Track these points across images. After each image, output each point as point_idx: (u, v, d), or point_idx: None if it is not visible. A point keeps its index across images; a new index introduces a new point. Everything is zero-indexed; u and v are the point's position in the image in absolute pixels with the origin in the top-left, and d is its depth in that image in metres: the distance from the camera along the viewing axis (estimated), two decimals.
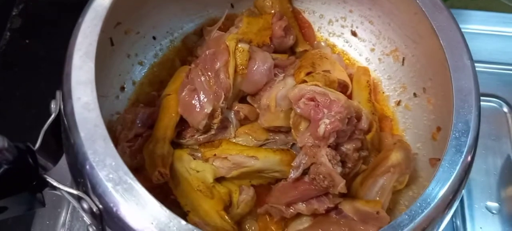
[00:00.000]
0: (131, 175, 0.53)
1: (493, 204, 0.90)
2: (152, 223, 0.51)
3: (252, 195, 0.71)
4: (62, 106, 0.58)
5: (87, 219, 0.58)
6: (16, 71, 1.09)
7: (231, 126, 0.77)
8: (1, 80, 1.06)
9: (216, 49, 0.76)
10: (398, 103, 0.85)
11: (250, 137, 0.77)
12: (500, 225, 0.88)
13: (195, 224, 0.53)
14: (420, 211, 0.56)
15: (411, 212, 0.56)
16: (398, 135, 0.83)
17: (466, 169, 0.60)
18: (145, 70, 0.85)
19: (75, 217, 0.83)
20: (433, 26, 0.70)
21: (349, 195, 0.71)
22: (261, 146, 0.77)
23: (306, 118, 0.69)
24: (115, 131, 0.74)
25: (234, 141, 0.77)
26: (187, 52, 0.88)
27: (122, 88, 0.82)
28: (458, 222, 0.89)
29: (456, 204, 0.61)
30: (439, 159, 0.70)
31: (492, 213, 0.90)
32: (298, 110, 0.69)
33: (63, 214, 0.83)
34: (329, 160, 0.65)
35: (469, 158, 0.60)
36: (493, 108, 1.01)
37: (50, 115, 0.60)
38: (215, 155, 0.73)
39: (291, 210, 0.69)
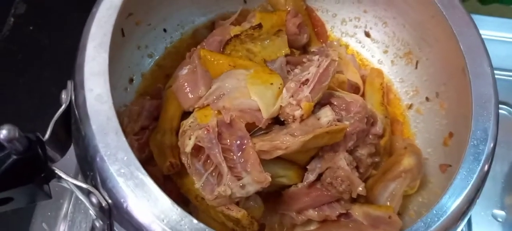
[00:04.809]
0: (143, 170, 0.52)
1: (500, 212, 0.90)
2: (163, 221, 0.50)
3: (259, 205, 0.67)
4: (73, 97, 0.57)
5: (94, 213, 0.57)
6: (19, 58, 1.07)
7: None
8: (5, 68, 1.05)
9: (222, 37, 0.75)
10: (410, 107, 0.84)
11: None
12: None
13: (206, 223, 0.51)
14: (436, 219, 0.55)
15: (427, 220, 0.55)
16: (409, 138, 0.82)
17: (482, 178, 0.59)
18: (154, 62, 0.83)
19: (78, 209, 0.82)
20: (452, 30, 0.68)
21: (358, 199, 0.70)
22: None
23: None
24: (122, 123, 0.73)
25: None
26: (196, 46, 0.86)
27: (131, 80, 0.80)
28: (464, 230, 0.87)
29: (470, 213, 0.60)
30: (450, 165, 0.70)
31: (498, 221, 0.89)
32: None
33: (65, 205, 0.82)
34: (347, 165, 0.64)
35: (486, 167, 0.59)
36: (502, 115, 0.99)
37: (56, 104, 0.59)
38: None
39: (302, 217, 0.67)
